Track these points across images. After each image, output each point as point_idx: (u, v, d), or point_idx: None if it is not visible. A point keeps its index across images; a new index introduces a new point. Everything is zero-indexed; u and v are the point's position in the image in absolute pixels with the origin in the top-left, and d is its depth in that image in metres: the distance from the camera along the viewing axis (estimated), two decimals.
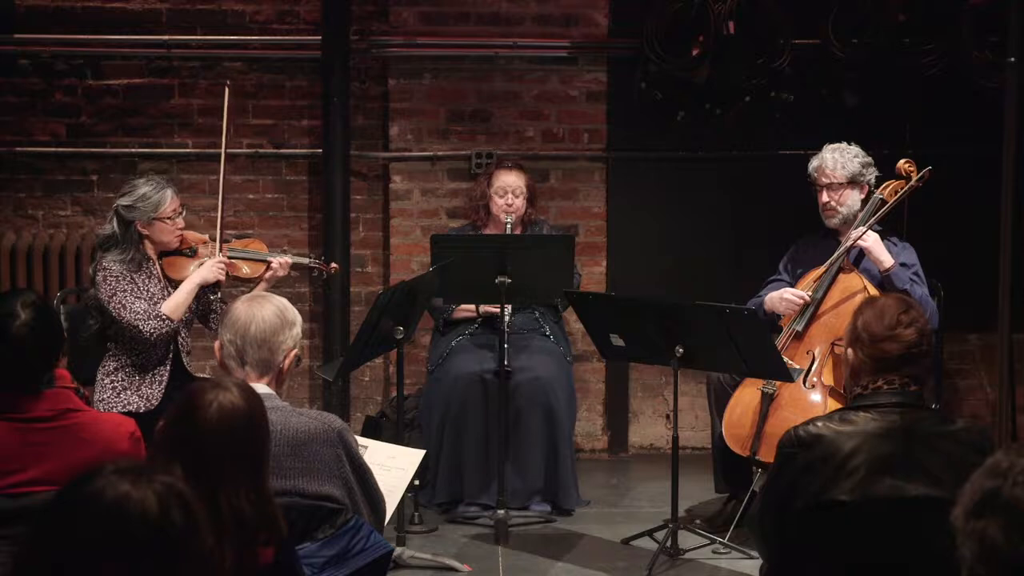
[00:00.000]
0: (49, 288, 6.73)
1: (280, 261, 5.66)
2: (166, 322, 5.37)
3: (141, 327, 5.34)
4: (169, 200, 5.46)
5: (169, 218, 5.47)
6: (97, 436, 3.49)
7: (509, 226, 6.18)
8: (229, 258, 5.62)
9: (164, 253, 5.54)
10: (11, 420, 3.46)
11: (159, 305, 5.38)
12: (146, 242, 5.47)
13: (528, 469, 6.03)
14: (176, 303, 5.42)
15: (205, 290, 5.60)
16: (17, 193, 7.03)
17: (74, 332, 5.46)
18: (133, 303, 5.36)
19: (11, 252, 6.83)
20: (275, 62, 7.05)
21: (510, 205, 6.23)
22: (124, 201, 5.45)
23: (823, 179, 5.77)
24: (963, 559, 1.85)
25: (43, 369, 3.55)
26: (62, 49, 6.95)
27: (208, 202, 6.80)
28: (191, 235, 5.63)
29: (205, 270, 5.48)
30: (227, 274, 5.59)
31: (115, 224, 5.45)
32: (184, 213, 5.60)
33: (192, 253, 5.58)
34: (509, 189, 6.25)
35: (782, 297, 5.69)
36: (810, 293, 5.63)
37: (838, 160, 5.76)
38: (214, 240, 5.62)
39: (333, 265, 6.00)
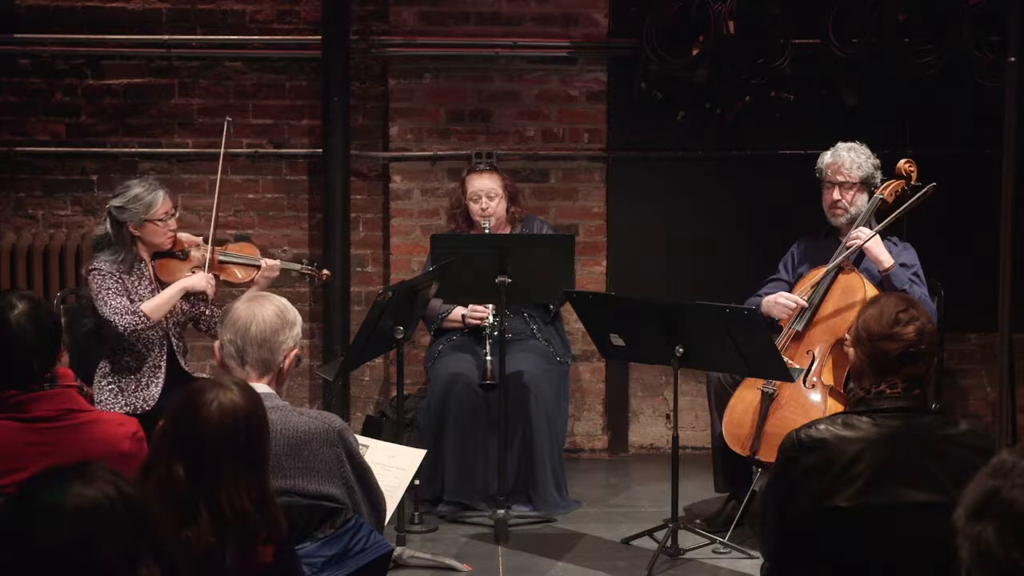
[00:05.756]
0: (49, 288, 6.72)
1: (266, 264, 5.63)
2: (142, 319, 5.36)
3: (117, 321, 5.34)
4: (161, 202, 5.45)
5: (161, 220, 5.46)
6: (99, 436, 3.48)
7: (488, 231, 6.10)
8: (221, 262, 5.61)
9: (157, 255, 5.54)
10: (13, 419, 3.45)
11: (140, 303, 5.38)
12: (139, 243, 5.48)
13: (504, 470, 5.96)
14: (157, 304, 5.40)
15: (197, 300, 5.59)
16: (17, 193, 7.03)
17: (73, 331, 5.46)
18: (113, 299, 5.36)
19: (11, 252, 6.83)
20: (275, 62, 7.05)
21: (485, 209, 6.15)
22: (116, 202, 5.46)
23: (838, 177, 5.73)
24: (962, 560, 1.84)
25: (45, 361, 3.53)
26: (62, 49, 6.95)
27: (209, 202, 6.79)
28: (184, 237, 5.61)
29: (195, 279, 5.45)
30: (219, 278, 5.59)
31: (108, 225, 5.45)
32: (177, 215, 5.59)
33: (184, 256, 5.57)
34: (483, 193, 6.17)
35: (776, 301, 5.68)
36: (806, 297, 5.62)
37: (855, 160, 5.72)
38: (207, 243, 5.61)
39: (325, 272, 5.98)
